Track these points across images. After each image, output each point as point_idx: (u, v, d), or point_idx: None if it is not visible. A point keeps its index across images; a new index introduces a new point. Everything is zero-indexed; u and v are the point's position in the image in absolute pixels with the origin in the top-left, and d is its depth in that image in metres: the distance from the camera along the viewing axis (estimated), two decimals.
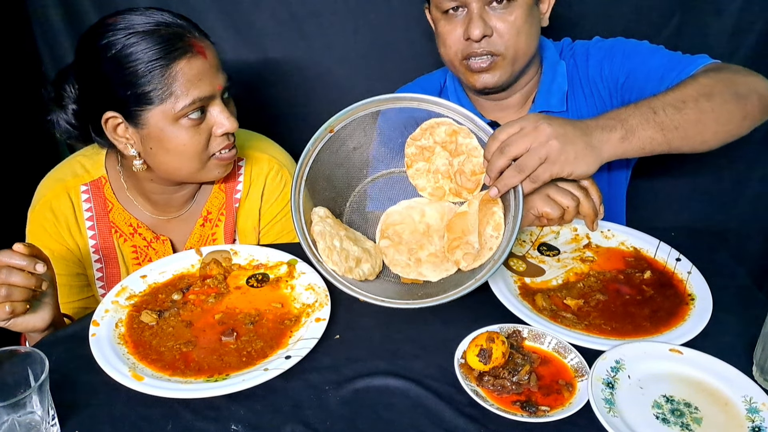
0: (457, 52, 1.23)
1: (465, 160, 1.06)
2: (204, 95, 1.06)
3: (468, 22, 1.19)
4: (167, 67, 1.02)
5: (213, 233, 1.26)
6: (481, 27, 1.17)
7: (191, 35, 1.05)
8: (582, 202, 1.05)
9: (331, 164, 1.05)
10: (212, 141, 1.11)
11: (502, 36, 1.20)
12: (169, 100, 1.04)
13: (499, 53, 1.21)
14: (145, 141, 1.09)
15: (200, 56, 1.05)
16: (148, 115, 1.05)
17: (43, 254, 0.99)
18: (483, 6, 1.18)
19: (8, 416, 0.74)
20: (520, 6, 1.19)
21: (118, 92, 1.04)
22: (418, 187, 1.10)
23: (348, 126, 1.04)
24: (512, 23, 1.19)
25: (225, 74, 1.10)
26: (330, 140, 1.03)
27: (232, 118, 1.10)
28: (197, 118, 1.06)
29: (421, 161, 1.09)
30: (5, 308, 0.93)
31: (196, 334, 0.95)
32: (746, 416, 0.79)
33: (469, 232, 1.03)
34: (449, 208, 1.09)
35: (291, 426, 0.81)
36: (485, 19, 1.18)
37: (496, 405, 0.82)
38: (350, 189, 1.10)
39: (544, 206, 1.04)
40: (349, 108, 1.03)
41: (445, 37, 1.24)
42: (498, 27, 1.19)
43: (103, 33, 1.03)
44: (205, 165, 1.13)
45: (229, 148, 1.14)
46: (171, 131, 1.06)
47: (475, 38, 1.18)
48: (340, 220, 1.08)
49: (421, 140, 1.08)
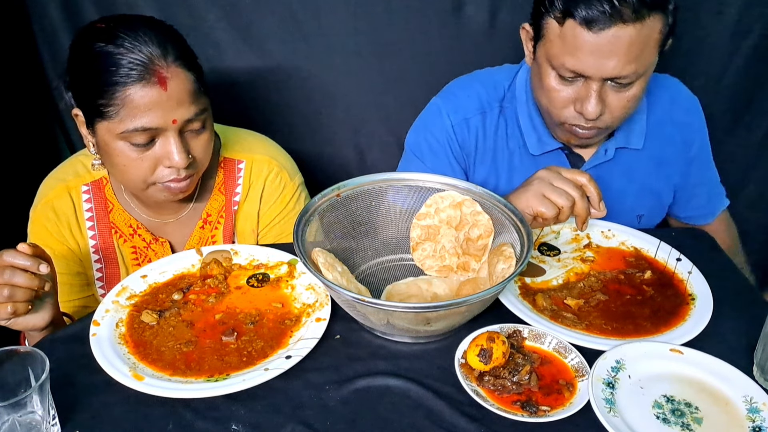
0: (560, 115, 1.16)
1: (470, 227, 1.06)
2: (151, 126, 1.01)
3: (585, 97, 1.09)
4: (120, 88, 0.99)
5: (212, 235, 1.26)
6: (599, 108, 1.09)
7: (159, 63, 1.00)
8: (577, 202, 1.05)
9: (335, 226, 1.05)
10: (159, 170, 1.07)
11: (613, 112, 1.12)
12: (115, 120, 1.01)
13: (607, 126, 1.15)
14: (97, 146, 1.09)
15: (158, 86, 1.00)
16: (98, 125, 1.04)
17: (46, 254, 0.98)
18: (604, 83, 1.08)
19: (9, 416, 0.74)
20: (641, 83, 1.10)
21: (82, 94, 1.05)
22: (424, 267, 1.09)
23: (355, 198, 1.06)
24: (629, 100, 1.11)
25: (196, 108, 1.05)
26: (337, 204, 1.05)
27: (183, 154, 1.04)
28: (142, 145, 1.03)
29: (427, 242, 1.08)
30: (7, 308, 0.93)
31: (197, 334, 0.95)
32: (747, 416, 0.79)
33: (480, 285, 1.03)
34: (457, 280, 1.08)
35: (291, 426, 0.81)
36: (602, 96, 1.09)
37: (496, 405, 0.81)
38: (355, 266, 1.08)
39: (540, 206, 1.05)
40: (360, 179, 1.07)
41: (551, 94, 1.14)
42: (612, 103, 1.11)
43: (87, 35, 1.03)
44: (149, 187, 1.09)
45: (179, 182, 1.08)
46: (115, 148, 1.05)
47: (590, 117, 1.10)
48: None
49: (426, 220, 1.07)
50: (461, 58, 1.57)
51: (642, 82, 1.10)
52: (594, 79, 1.08)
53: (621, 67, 1.05)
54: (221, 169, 1.26)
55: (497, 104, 1.30)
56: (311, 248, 0.97)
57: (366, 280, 1.06)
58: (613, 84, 1.09)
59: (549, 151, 1.27)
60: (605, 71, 1.06)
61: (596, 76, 1.07)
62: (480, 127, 1.29)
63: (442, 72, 1.44)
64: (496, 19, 1.55)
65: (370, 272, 1.09)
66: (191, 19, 1.52)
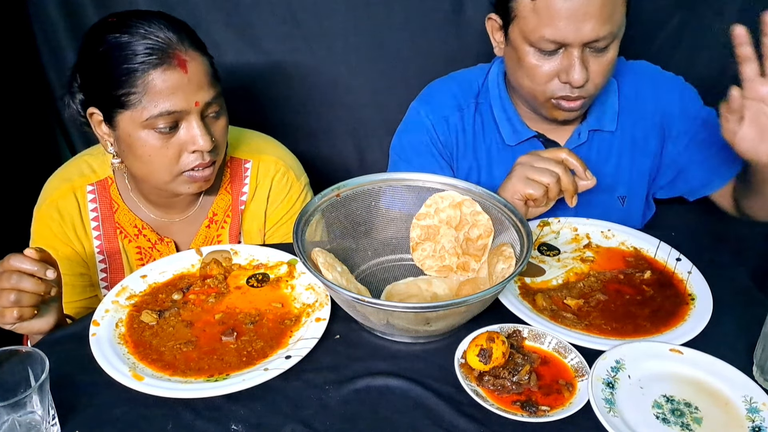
0: (545, 90, 1.17)
1: (470, 227, 1.06)
2: (175, 109, 1.02)
3: (569, 66, 1.11)
4: (141, 75, 1.00)
5: (218, 235, 1.26)
6: (585, 74, 1.11)
7: (177, 47, 1.02)
8: (561, 176, 1.07)
9: (335, 226, 1.05)
10: (184, 157, 1.07)
11: (595, 78, 1.14)
12: (138, 108, 1.02)
13: (590, 95, 1.17)
14: (118, 142, 1.09)
15: (179, 69, 1.01)
16: (119, 117, 1.04)
17: (52, 258, 0.98)
18: (584, 49, 1.11)
19: (8, 416, 0.74)
20: (615, 45, 1.13)
21: (99, 89, 1.05)
22: (424, 267, 1.09)
23: (355, 198, 1.07)
24: (606, 65, 1.14)
25: (214, 91, 1.07)
26: (337, 204, 1.05)
27: (206, 137, 1.05)
28: (167, 130, 1.04)
29: (426, 242, 1.08)
30: (13, 313, 0.92)
31: (197, 334, 0.95)
32: (746, 416, 0.79)
33: (480, 285, 1.03)
34: (457, 280, 1.08)
35: (291, 426, 0.81)
36: (585, 63, 1.11)
37: (496, 405, 0.82)
38: (354, 267, 1.08)
39: (526, 188, 1.07)
40: (359, 179, 1.07)
41: (533, 72, 1.16)
42: (594, 70, 1.13)
43: (99, 29, 1.04)
44: (174, 179, 1.10)
45: (204, 167, 1.09)
46: (139, 138, 1.05)
47: (578, 85, 1.12)
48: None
49: (426, 220, 1.07)
50: (461, 58, 1.57)
51: (616, 44, 1.13)
52: (574, 46, 1.09)
53: (598, 28, 1.07)
54: (228, 169, 1.26)
55: (473, 101, 1.33)
56: (311, 248, 0.97)
57: (366, 280, 1.06)
58: (591, 49, 1.11)
59: (525, 140, 1.30)
60: (584, 35, 1.08)
61: (576, 41, 1.09)
62: (458, 124, 1.32)
63: (442, 72, 1.44)
64: None
65: (370, 272, 1.10)
66: (191, 19, 1.50)
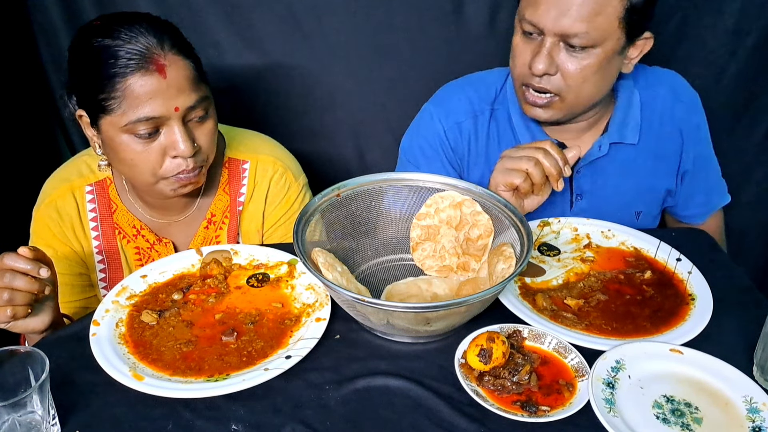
0: (520, 74, 1.17)
1: (470, 227, 1.06)
2: (153, 115, 1.01)
3: (537, 52, 1.11)
4: (120, 80, 0.99)
5: (217, 236, 1.26)
6: (545, 63, 1.10)
7: (156, 51, 1.00)
8: (540, 160, 1.08)
9: (335, 225, 1.05)
10: (167, 162, 1.06)
11: (566, 78, 1.12)
12: (118, 113, 1.01)
13: (558, 93, 1.14)
14: (103, 145, 1.09)
15: (157, 74, 1.00)
16: (101, 121, 1.04)
17: (47, 257, 0.98)
18: (558, 41, 1.10)
19: (9, 416, 0.74)
20: (598, 55, 1.10)
21: (84, 92, 1.05)
22: (424, 267, 1.09)
23: (355, 198, 1.06)
24: (581, 69, 1.11)
25: (197, 95, 1.05)
26: (337, 204, 1.05)
27: (188, 143, 1.04)
28: (147, 135, 1.03)
29: (427, 242, 1.08)
30: (6, 312, 0.92)
31: (197, 334, 0.95)
32: (746, 416, 0.79)
33: (480, 285, 1.03)
34: (457, 280, 1.08)
35: (291, 426, 0.81)
36: (553, 55, 1.10)
37: (496, 405, 0.82)
38: (354, 267, 1.08)
39: (507, 177, 1.10)
40: (360, 179, 1.07)
41: (514, 51, 1.17)
42: (566, 67, 1.11)
43: (85, 32, 1.04)
44: (159, 181, 1.09)
45: (187, 173, 1.08)
46: (121, 143, 1.04)
47: (536, 73, 1.11)
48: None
49: (426, 220, 1.07)
50: (461, 58, 1.57)
51: (600, 55, 1.10)
52: (548, 35, 1.10)
53: (571, 22, 1.07)
54: (225, 169, 1.26)
55: (488, 107, 1.31)
56: (311, 248, 0.97)
57: (366, 280, 1.06)
58: (566, 45, 1.10)
59: None
60: (558, 25, 1.08)
61: (549, 29, 1.09)
62: (472, 130, 1.30)
63: (442, 72, 1.44)
64: (496, 19, 1.55)
65: (370, 272, 1.09)
66: (191, 19, 1.52)
